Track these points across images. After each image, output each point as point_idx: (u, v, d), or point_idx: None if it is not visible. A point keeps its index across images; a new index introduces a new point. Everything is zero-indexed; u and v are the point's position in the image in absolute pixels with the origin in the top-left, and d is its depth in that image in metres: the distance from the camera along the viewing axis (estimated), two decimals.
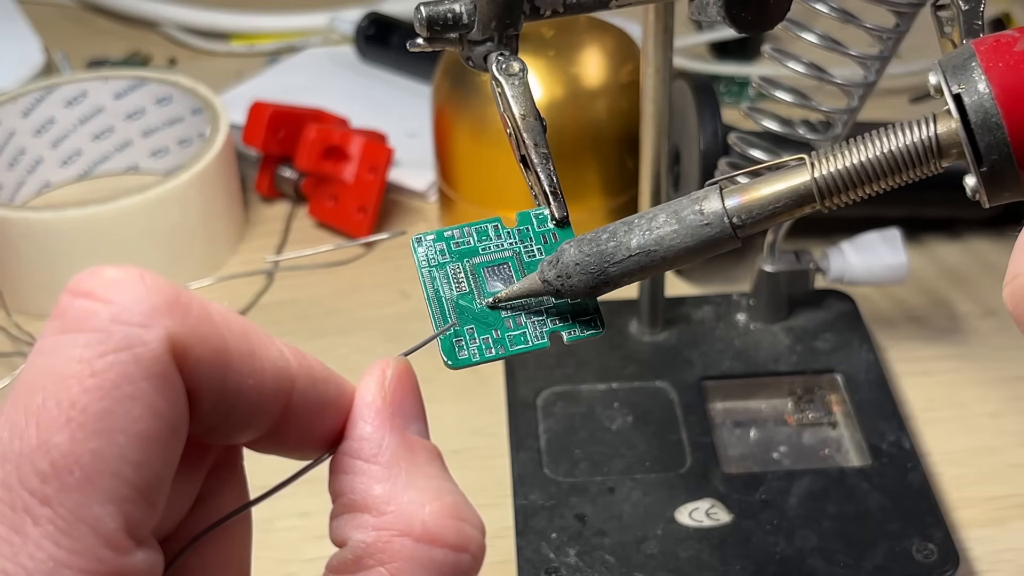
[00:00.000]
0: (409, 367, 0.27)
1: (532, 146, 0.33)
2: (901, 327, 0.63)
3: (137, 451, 0.22)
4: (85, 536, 0.21)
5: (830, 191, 0.29)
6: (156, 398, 0.22)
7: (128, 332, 0.22)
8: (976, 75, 0.26)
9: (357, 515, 0.25)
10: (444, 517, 0.25)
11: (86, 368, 0.21)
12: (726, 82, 0.83)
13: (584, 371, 0.56)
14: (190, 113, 0.72)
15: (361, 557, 0.24)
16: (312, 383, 0.25)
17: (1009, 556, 0.51)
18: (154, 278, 0.23)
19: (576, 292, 0.30)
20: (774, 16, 0.38)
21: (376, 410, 0.26)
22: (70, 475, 0.21)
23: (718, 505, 0.49)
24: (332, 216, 0.70)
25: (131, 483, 0.22)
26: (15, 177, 0.72)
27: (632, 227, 0.30)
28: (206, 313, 0.23)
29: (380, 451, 0.25)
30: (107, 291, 0.22)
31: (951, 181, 0.71)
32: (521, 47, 0.35)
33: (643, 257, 0.30)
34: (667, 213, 0.30)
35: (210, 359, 0.23)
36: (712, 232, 0.29)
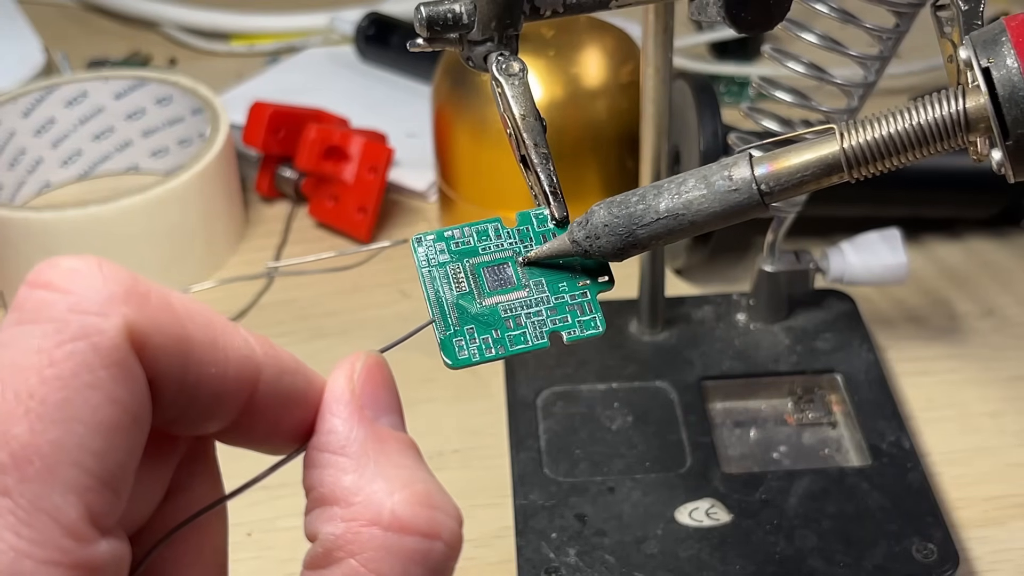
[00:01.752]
0: (381, 360, 0.27)
1: (532, 146, 0.33)
2: (901, 327, 0.63)
3: (97, 440, 0.22)
4: (46, 526, 0.21)
5: (858, 161, 0.29)
6: (115, 387, 0.22)
7: (85, 321, 0.22)
8: (1006, 50, 0.26)
9: (327, 508, 0.25)
10: (413, 505, 0.25)
11: (44, 358, 0.21)
12: (726, 82, 0.83)
13: (584, 371, 0.56)
14: (190, 113, 0.72)
15: (331, 550, 0.24)
16: (279, 373, 0.25)
17: (1009, 556, 0.51)
18: (112, 267, 0.23)
19: (604, 253, 0.31)
20: (774, 16, 0.38)
21: (344, 403, 0.26)
22: (29, 465, 0.21)
23: (718, 505, 0.49)
24: (332, 216, 0.70)
25: (92, 472, 0.22)
26: (15, 177, 0.72)
27: (661, 191, 0.30)
28: (166, 302, 0.23)
29: (348, 443, 0.25)
30: (64, 281, 0.22)
31: (951, 181, 0.71)
32: (521, 47, 0.35)
33: (671, 220, 0.30)
34: (696, 178, 0.30)
35: (170, 347, 0.23)
36: (740, 198, 0.30)
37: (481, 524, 0.53)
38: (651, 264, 0.56)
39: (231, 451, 0.31)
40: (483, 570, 0.51)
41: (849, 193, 0.66)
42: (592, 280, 0.31)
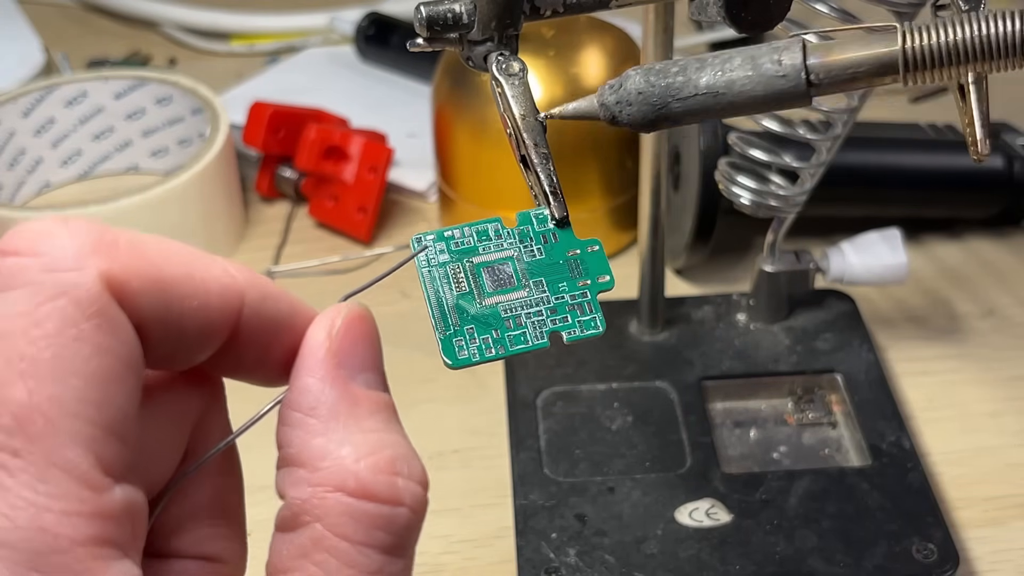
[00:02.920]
0: (363, 313, 0.27)
1: (532, 146, 0.33)
2: (901, 327, 0.63)
3: (94, 390, 0.22)
4: (60, 480, 0.21)
5: (916, 64, 0.28)
6: (102, 336, 0.22)
7: (61, 278, 0.22)
8: None
9: (294, 470, 0.25)
10: (378, 472, 0.25)
11: (28, 320, 0.22)
12: None
13: (584, 371, 0.56)
14: (190, 113, 0.72)
15: (298, 514, 0.25)
16: (262, 298, 0.26)
17: (1009, 556, 0.51)
18: (77, 222, 0.23)
19: (633, 122, 0.29)
20: (774, 16, 0.38)
21: (319, 360, 0.26)
22: (33, 425, 0.21)
23: (718, 505, 0.49)
24: (332, 216, 0.70)
25: (95, 422, 0.22)
26: (15, 177, 0.72)
27: (705, 65, 0.29)
28: (136, 245, 0.23)
29: (319, 404, 0.25)
30: (33, 245, 0.23)
31: (951, 181, 0.71)
32: (521, 47, 0.35)
33: (709, 98, 0.29)
34: (743, 57, 0.29)
35: (148, 288, 0.23)
36: (786, 85, 0.28)
37: (481, 524, 0.53)
38: (651, 264, 0.56)
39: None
40: (483, 570, 0.51)
41: (849, 193, 0.67)
42: (592, 280, 0.31)
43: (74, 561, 0.21)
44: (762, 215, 0.54)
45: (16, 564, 0.21)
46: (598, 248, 0.32)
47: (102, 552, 0.22)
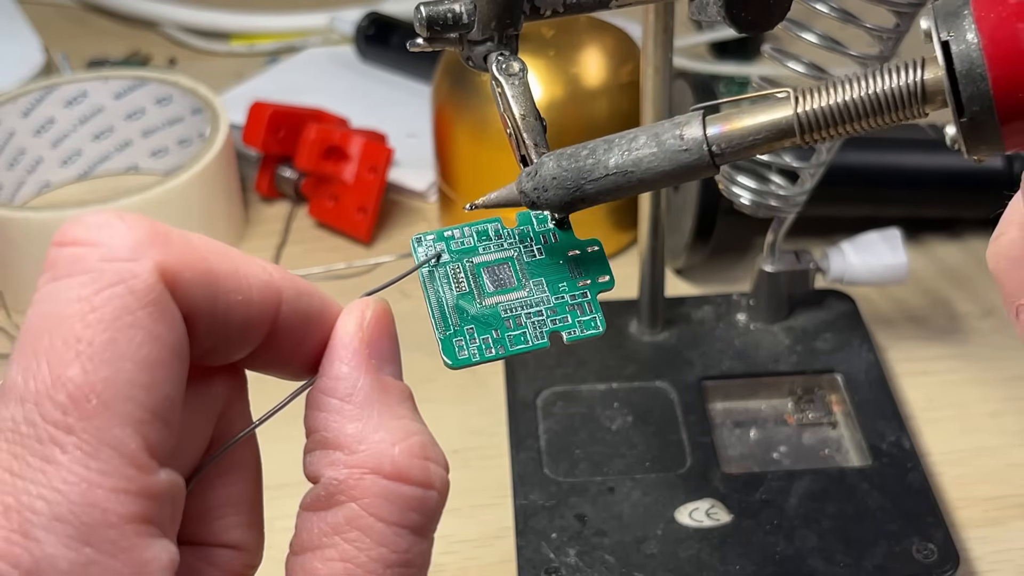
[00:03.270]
0: (388, 308, 0.28)
1: (532, 146, 0.33)
2: (901, 327, 0.63)
3: (145, 375, 0.23)
4: (111, 457, 0.22)
5: (811, 127, 0.28)
6: (155, 324, 0.23)
7: (119, 267, 0.23)
8: (967, 24, 0.25)
9: (330, 452, 0.26)
10: (412, 456, 0.26)
11: (86, 305, 0.23)
12: (726, 82, 0.83)
13: (584, 371, 0.56)
14: (190, 113, 0.72)
15: (334, 494, 0.26)
16: (297, 294, 0.27)
17: (1009, 556, 0.51)
18: (133, 216, 0.24)
19: (551, 206, 0.30)
20: (774, 16, 0.38)
21: (353, 350, 0.27)
22: (87, 403, 0.22)
23: (718, 505, 0.49)
24: (332, 216, 0.70)
25: (144, 406, 0.23)
26: (15, 177, 0.72)
27: (612, 146, 0.30)
28: (187, 240, 0.25)
29: (355, 391, 0.27)
30: (91, 235, 0.24)
31: (951, 181, 0.71)
32: (521, 47, 0.35)
33: (620, 177, 0.30)
34: (648, 135, 0.30)
35: (198, 281, 0.24)
36: (690, 158, 0.29)
37: (481, 524, 0.53)
38: (651, 264, 0.56)
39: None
40: (483, 570, 0.51)
41: (849, 193, 0.67)
42: (592, 280, 0.31)
43: (121, 537, 0.22)
44: (762, 215, 0.54)
45: (70, 538, 0.22)
46: (598, 248, 0.32)
47: (147, 530, 0.23)
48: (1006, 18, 0.25)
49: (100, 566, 0.22)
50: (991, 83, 0.25)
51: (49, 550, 0.22)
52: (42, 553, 0.22)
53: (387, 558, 0.25)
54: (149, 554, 0.23)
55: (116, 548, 0.22)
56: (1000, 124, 0.25)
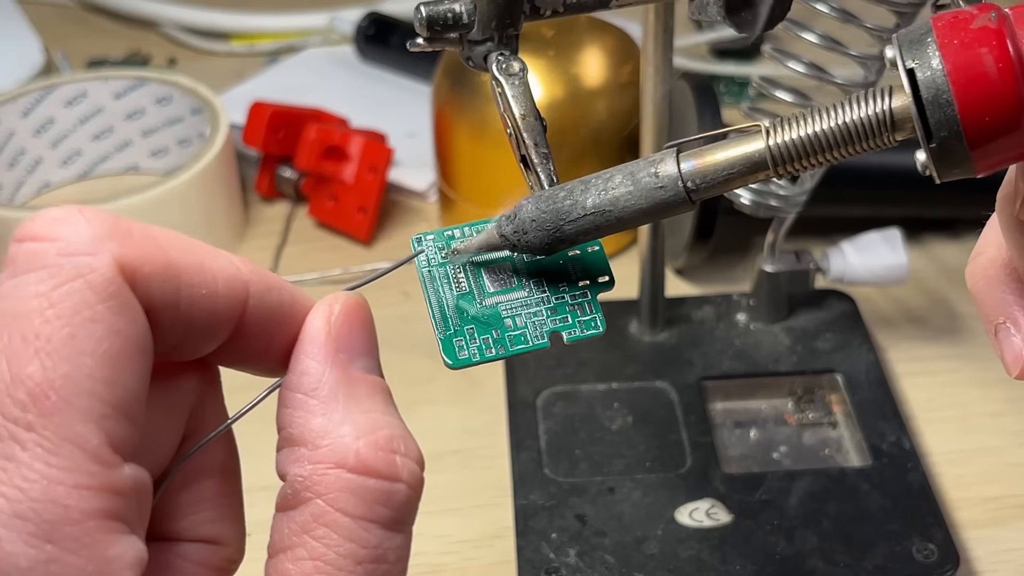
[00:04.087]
0: (360, 302, 0.28)
1: (532, 146, 0.33)
2: (901, 327, 0.63)
3: (106, 370, 0.23)
4: (72, 453, 0.22)
5: (783, 159, 0.28)
6: (115, 318, 0.23)
7: (77, 262, 0.23)
8: (931, 51, 0.26)
9: (295, 449, 0.26)
10: (377, 449, 0.25)
11: (44, 301, 0.23)
12: (726, 82, 0.83)
13: (584, 371, 0.56)
14: (190, 113, 0.72)
15: (299, 491, 0.25)
16: (266, 289, 0.27)
17: (1009, 556, 0.51)
18: (92, 210, 0.24)
19: (532, 248, 0.31)
20: (774, 16, 0.38)
21: (319, 344, 0.27)
22: (47, 400, 0.22)
23: (718, 505, 0.49)
24: (332, 216, 0.70)
25: (106, 401, 0.23)
26: (15, 177, 0.72)
27: (589, 187, 0.30)
28: (148, 234, 0.25)
29: (320, 385, 0.26)
30: (50, 230, 0.24)
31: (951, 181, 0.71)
32: (521, 47, 0.35)
33: (598, 217, 0.30)
34: (623, 174, 0.30)
35: (159, 275, 0.24)
36: (666, 195, 0.29)
37: (481, 524, 0.53)
38: (651, 264, 0.56)
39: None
40: (483, 570, 0.51)
41: (849, 193, 0.67)
42: (592, 280, 0.31)
43: (84, 533, 0.22)
44: (762, 215, 0.54)
45: (31, 535, 0.22)
46: (598, 248, 0.32)
47: (111, 526, 0.23)
48: (968, 43, 0.25)
49: (62, 563, 0.22)
50: (957, 108, 0.25)
51: (9, 548, 0.22)
52: (2, 551, 0.22)
53: (357, 554, 0.25)
54: (114, 551, 0.23)
55: (79, 545, 0.22)
56: (969, 148, 0.26)
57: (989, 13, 0.25)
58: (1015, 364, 0.32)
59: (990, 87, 0.25)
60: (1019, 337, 0.32)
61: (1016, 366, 0.32)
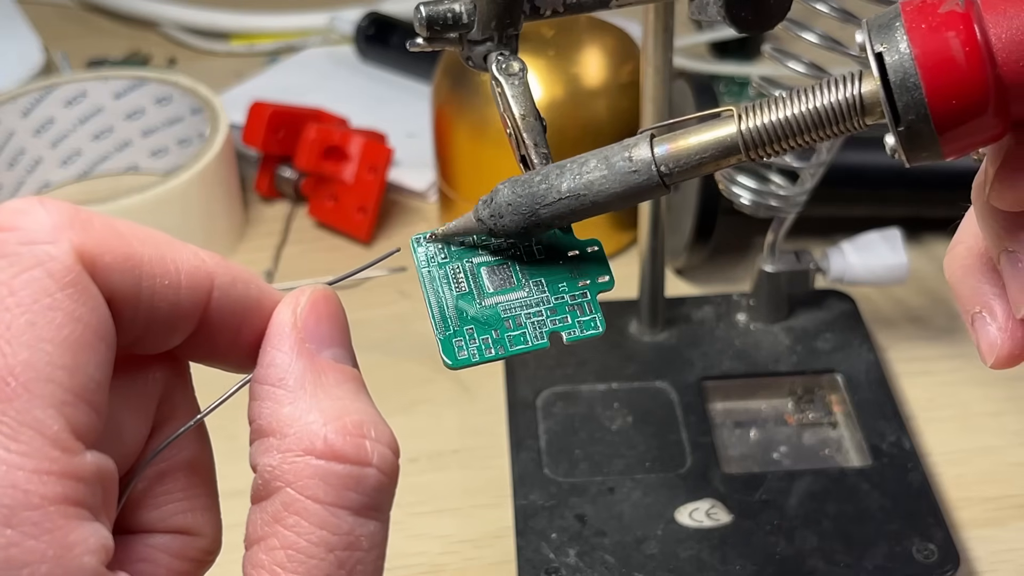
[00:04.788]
0: (328, 294, 0.28)
1: (532, 146, 0.33)
2: (901, 327, 0.63)
3: (66, 357, 0.23)
4: (32, 439, 0.22)
5: (755, 144, 0.29)
6: (74, 306, 0.23)
7: (36, 250, 0.23)
8: (899, 35, 0.26)
9: (265, 439, 0.26)
10: (344, 434, 0.25)
11: (4, 289, 0.23)
12: (726, 82, 0.83)
13: (584, 371, 0.56)
14: (190, 113, 0.72)
15: (269, 481, 0.25)
16: (231, 281, 0.27)
17: (1009, 556, 0.51)
18: (54, 201, 0.24)
19: (508, 232, 0.31)
20: (774, 16, 0.38)
21: (284, 335, 0.27)
22: (6, 386, 0.22)
23: (718, 505, 0.49)
24: (332, 216, 0.70)
25: (66, 387, 0.23)
26: (15, 177, 0.72)
27: (564, 171, 0.30)
28: (109, 225, 0.25)
29: (286, 375, 0.26)
30: (10, 220, 0.24)
31: (951, 181, 0.71)
32: (521, 47, 0.35)
33: (573, 201, 0.30)
34: (598, 158, 0.30)
35: (120, 264, 0.24)
36: (640, 179, 0.30)
37: (481, 524, 0.53)
38: (651, 264, 0.56)
39: (225, 455, 0.31)
40: (483, 570, 0.51)
41: (849, 193, 0.67)
42: (592, 280, 0.31)
43: (44, 518, 0.22)
44: (762, 215, 0.54)
45: None
46: (598, 248, 0.32)
47: (73, 511, 0.23)
48: (936, 27, 0.25)
49: (22, 547, 0.22)
50: (925, 91, 0.25)
51: None
52: None
53: (328, 541, 0.25)
54: (75, 536, 0.23)
55: (39, 530, 0.22)
56: (937, 132, 0.26)
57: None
58: (990, 352, 0.32)
59: (957, 71, 0.25)
60: (995, 326, 0.32)
61: (991, 355, 0.32)
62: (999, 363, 0.32)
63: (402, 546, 0.51)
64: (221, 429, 0.31)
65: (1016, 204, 0.28)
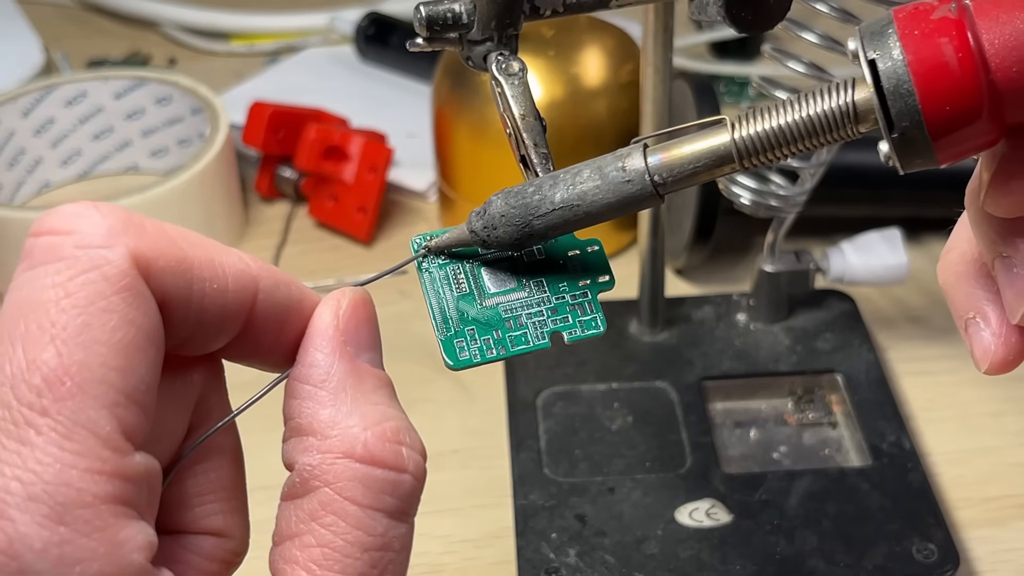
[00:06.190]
0: (366, 297, 0.29)
1: (532, 146, 0.33)
2: (901, 327, 0.63)
3: (119, 359, 0.23)
4: (85, 438, 0.23)
5: (748, 152, 0.28)
6: (128, 309, 0.24)
7: (93, 254, 0.24)
8: (892, 42, 0.26)
9: (304, 439, 0.26)
10: (384, 440, 0.26)
11: (60, 291, 0.23)
12: (726, 82, 0.83)
13: (584, 371, 0.56)
14: (190, 113, 0.72)
15: (307, 480, 0.26)
16: (275, 284, 0.27)
17: (1009, 556, 0.51)
18: (107, 206, 0.25)
19: (502, 244, 0.31)
20: (774, 16, 0.38)
21: (328, 337, 0.27)
22: (62, 386, 0.23)
23: (718, 505, 0.49)
24: (332, 216, 0.70)
25: (119, 389, 0.23)
26: (15, 177, 0.72)
27: (557, 181, 0.30)
28: (161, 229, 0.25)
29: (328, 377, 0.27)
30: (67, 224, 0.24)
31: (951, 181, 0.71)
32: (521, 47, 0.35)
33: (566, 211, 0.30)
34: (591, 169, 0.30)
35: (173, 268, 0.25)
36: (633, 189, 0.29)
37: (481, 524, 0.53)
38: (651, 264, 0.56)
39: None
40: (483, 570, 0.51)
41: (849, 193, 0.67)
42: (592, 280, 0.31)
43: (95, 516, 0.23)
44: (762, 215, 0.54)
45: (44, 517, 0.22)
46: (598, 248, 0.32)
47: (122, 510, 0.23)
48: (928, 34, 0.25)
49: (74, 544, 0.22)
50: (918, 98, 0.25)
51: (23, 529, 0.22)
52: (16, 532, 0.22)
53: (364, 541, 0.26)
54: (124, 534, 0.23)
55: (90, 527, 0.23)
56: (931, 138, 0.26)
57: (949, 4, 0.25)
58: (984, 359, 0.32)
59: (950, 77, 0.25)
60: (988, 332, 0.32)
61: (985, 361, 0.32)
62: (993, 369, 0.32)
63: None
64: None
65: (1011, 210, 0.28)
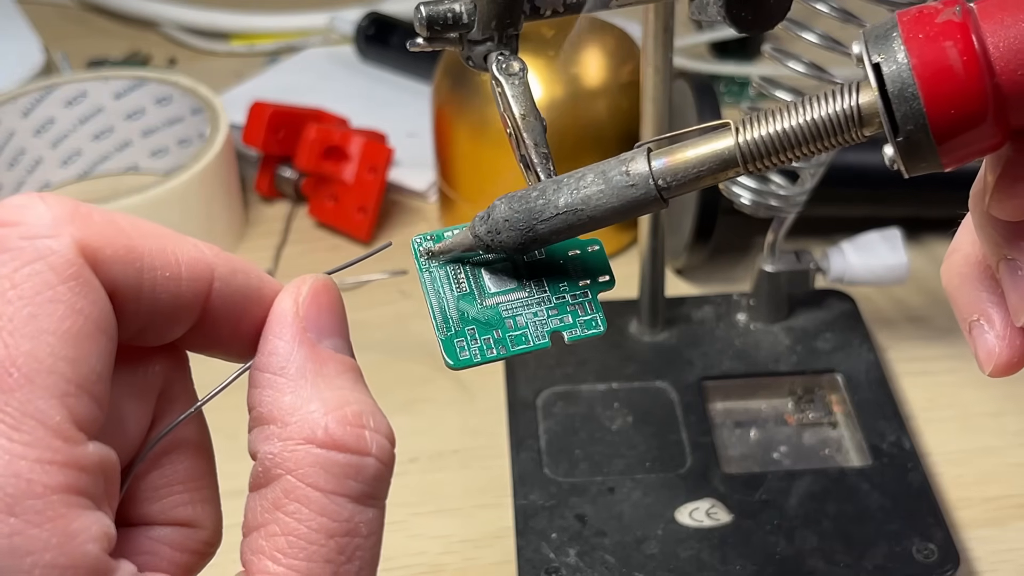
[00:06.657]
0: (328, 283, 0.28)
1: (532, 146, 0.33)
2: (901, 327, 0.63)
3: (68, 348, 0.23)
4: (34, 428, 0.23)
5: (753, 156, 0.28)
6: (76, 298, 0.24)
7: (39, 244, 0.24)
8: (896, 45, 0.26)
9: (266, 427, 0.26)
10: (345, 424, 0.26)
11: (6, 282, 0.23)
12: (726, 82, 0.83)
13: (584, 371, 0.56)
14: (190, 113, 0.72)
15: (270, 468, 0.26)
16: (232, 272, 0.27)
17: (1009, 556, 0.51)
18: (54, 196, 0.25)
19: (505, 248, 0.31)
20: (774, 16, 0.38)
21: (287, 324, 0.27)
22: (8, 377, 0.23)
23: (718, 505, 0.49)
24: (332, 216, 0.70)
25: (68, 378, 0.23)
26: (15, 177, 0.72)
27: (561, 186, 0.30)
28: (109, 219, 0.25)
29: (288, 364, 0.27)
30: (12, 216, 0.24)
31: (951, 181, 0.71)
32: (521, 47, 0.35)
33: (570, 216, 0.30)
34: (595, 173, 0.30)
35: (121, 257, 0.25)
36: (637, 193, 0.29)
37: (481, 524, 0.53)
38: (651, 264, 0.56)
39: (227, 453, 0.31)
40: (483, 570, 0.51)
41: (849, 193, 0.67)
42: (593, 280, 0.31)
43: (47, 507, 0.22)
44: (762, 215, 0.54)
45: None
46: (598, 248, 0.32)
47: (75, 500, 0.23)
48: (933, 37, 0.25)
49: (24, 535, 0.22)
50: (923, 101, 0.25)
51: None
52: None
53: (328, 527, 0.25)
54: (77, 524, 0.23)
55: (42, 518, 0.22)
56: (936, 142, 0.26)
57: (954, 7, 0.25)
58: (988, 361, 0.32)
59: (955, 80, 0.25)
60: (992, 334, 0.32)
61: (989, 363, 0.32)
62: (997, 371, 0.32)
63: (402, 546, 0.51)
64: (222, 429, 0.31)
65: (1016, 213, 0.28)
